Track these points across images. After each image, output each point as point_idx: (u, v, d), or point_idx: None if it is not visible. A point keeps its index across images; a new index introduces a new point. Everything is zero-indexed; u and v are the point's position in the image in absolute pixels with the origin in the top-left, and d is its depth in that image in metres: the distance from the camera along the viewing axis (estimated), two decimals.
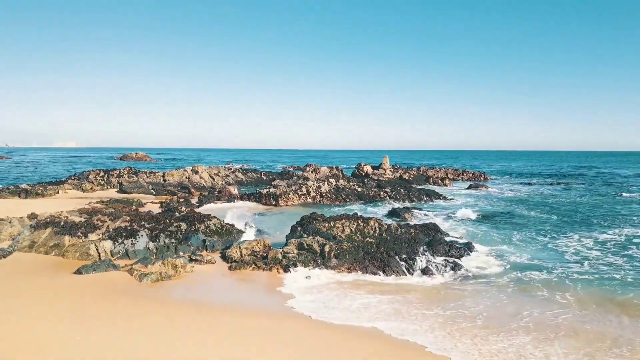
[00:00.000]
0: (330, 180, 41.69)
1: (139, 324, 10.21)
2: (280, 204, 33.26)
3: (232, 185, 40.76)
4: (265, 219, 26.80)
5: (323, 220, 19.31)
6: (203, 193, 38.75)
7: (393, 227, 18.96)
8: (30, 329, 9.53)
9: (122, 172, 45.94)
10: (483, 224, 25.49)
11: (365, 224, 18.72)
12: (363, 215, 20.39)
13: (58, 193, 34.79)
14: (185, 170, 45.87)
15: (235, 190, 37.62)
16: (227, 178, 48.41)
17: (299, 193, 35.26)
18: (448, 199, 37.70)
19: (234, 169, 56.70)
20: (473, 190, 46.11)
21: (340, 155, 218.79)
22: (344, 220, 19.06)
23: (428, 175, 55.42)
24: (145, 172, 46.63)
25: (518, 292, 13.71)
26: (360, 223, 18.80)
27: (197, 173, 45.29)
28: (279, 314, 11.50)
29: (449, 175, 58.80)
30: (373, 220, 19.05)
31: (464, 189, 47.22)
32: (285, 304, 12.23)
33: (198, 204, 32.00)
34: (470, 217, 27.68)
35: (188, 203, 31.35)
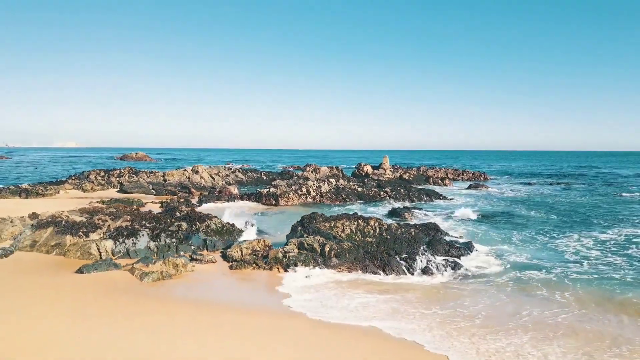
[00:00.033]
0: (331, 180, 41.74)
1: (140, 323, 10.26)
2: (281, 204, 33.32)
3: (232, 185, 40.81)
4: (266, 219, 26.86)
5: (323, 220, 19.36)
6: (203, 193, 38.82)
7: (393, 226, 19.00)
8: (32, 328, 9.57)
9: (122, 172, 45.96)
10: (483, 224, 25.53)
11: (366, 224, 18.77)
12: (363, 215, 20.43)
13: (58, 193, 34.85)
14: (186, 170, 45.92)
15: (236, 190, 37.66)
16: (227, 178, 48.46)
17: (299, 193, 35.32)
18: (448, 199, 37.74)
19: (234, 169, 56.73)
20: (473, 190, 46.15)
21: (340, 155, 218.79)
22: (344, 220, 19.11)
23: (428, 175, 55.48)
24: (146, 172, 46.66)
25: (517, 291, 13.73)
26: (361, 223, 18.85)
27: (197, 173, 45.35)
28: (279, 313, 11.55)
29: (449, 175, 58.85)
30: (373, 220, 19.09)
31: (464, 189, 47.25)
32: (285, 303, 12.27)
33: (198, 204, 32.08)
34: (470, 216, 27.71)
35: (188, 203, 31.40)
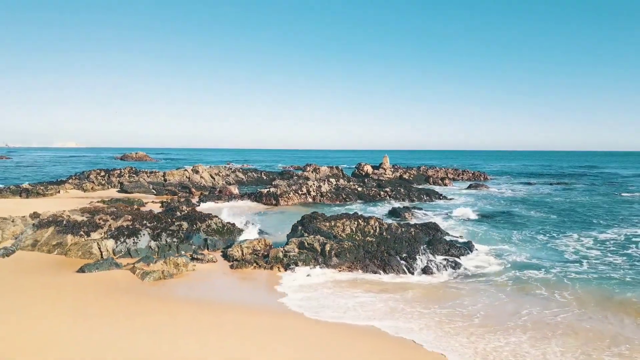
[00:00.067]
0: (331, 180, 41.78)
1: (142, 322, 10.30)
2: (281, 204, 33.36)
3: (232, 185, 40.85)
4: (266, 218, 26.89)
5: (324, 220, 19.40)
6: (204, 193, 38.86)
7: (393, 226, 19.04)
8: (34, 327, 9.62)
9: (122, 171, 46.01)
10: (483, 224, 25.56)
11: (366, 223, 18.81)
12: (363, 215, 20.46)
13: (59, 192, 34.89)
14: (186, 170, 45.95)
15: (236, 190, 37.70)
16: (227, 178, 48.49)
17: (300, 193, 35.36)
18: (448, 199, 37.78)
19: (235, 169, 56.76)
20: (473, 190, 46.18)
21: (340, 155, 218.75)
22: (345, 220, 19.14)
23: (428, 175, 55.52)
24: (146, 171, 46.70)
25: (517, 291, 13.77)
26: (361, 222, 18.89)
27: (197, 173, 45.39)
28: (280, 312, 11.60)
29: (449, 175, 58.89)
30: (373, 220, 19.13)
31: (464, 189, 47.28)
32: (286, 303, 12.32)
33: (199, 204, 32.12)
34: (470, 216, 27.76)
35: (189, 202, 31.44)
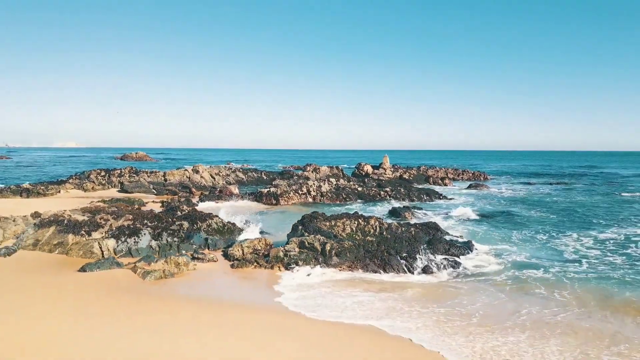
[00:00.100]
0: (331, 180, 41.82)
1: (143, 321, 10.35)
2: (281, 203, 33.41)
3: (232, 185, 40.89)
4: (267, 218, 26.93)
5: (324, 219, 19.44)
6: (204, 192, 38.89)
7: (393, 226, 19.08)
8: (35, 326, 9.66)
9: (123, 171, 46.06)
10: (483, 223, 25.61)
11: (366, 223, 18.85)
12: (363, 214, 20.50)
13: (59, 192, 34.93)
14: (186, 170, 45.99)
15: (236, 190, 37.74)
16: (227, 177, 48.54)
17: (300, 192, 35.41)
18: (448, 199, 37.83)
19: (235, 169, 56.80)
20: (473, 190, 46.22)
21: (340, 155, 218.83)
22: (345, 219, 19.18)
23: (428, 175, 55.57)
24: (146, 171, 46.74)
25: (516, 290, 13.80)
26: (361, 222, 18.93)
27: (198, 172, 45.43)
28: (280, 312, 11.64)
29: (449, 175, 58.94)
30: (374, 219, 19.18)
31: (464, 189, 47.32)
32: (286, 302, 12.36)
33: (199, 203, 32.15)
34: (470, 216, 27.81)
35: (189, 202, 31.46)
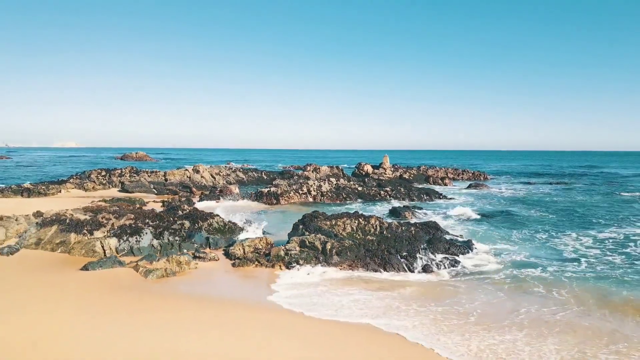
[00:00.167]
0: (331, 180, 41.90)
1: (145, 319, 10.43)
2: (282, 203, 33.51)
3: (233, 185, 41.00)
4: (267, 217, 27.01)
5: (324, 218, 19.52)
6: (204, 192, 38.98)
7: (394, 225, 19.16)
8: (38, 324, 9.74)
9: (123, 171, 46.16)
10: (483, 223, 25.68)
11: (366, 222, 18.93)
12: (364, 214, 20.58)
13: (60, 192, 35.03)
14: (187, 170, 46.09)
15: (237, 189, 37.85)
16: (228, 177, 48.63)
17: (300, 192, 35.49)
18: (448, 198, 37.91)
19: (235, 169, 56.90)
20: (473, 190, 46.32)
21: (340, 155, 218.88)
22: (345, 219, 19.25)
23: (428, 175, 55.65)
24: (147, 171, 46.85)
25: (515, 289, 13.87)
26: (361, 221, 19.01)
27: (198, 172, 45.52)
28: (280, 310, 11.72)
29: (449, 175, 59.03)
30: (374, 219, 19.25)
31: (464, 188, 47.42)
32: (287, 301, 12.43)
33: (199, 203, 32.24)
34: (470, 215, 27.89)
35: (190, 202, 31.58)
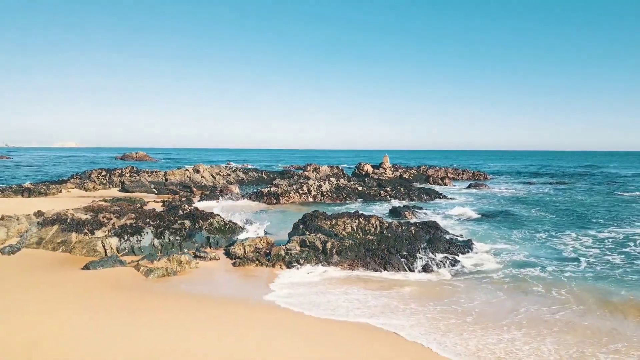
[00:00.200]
0: (331, 179, 41.94)
1: (146, 318, 10.48)
2: (282, 203, 33.55)
3: (233, 184, 41.05)
4: (267, 217, 27.04)
5: (325, 218, 19.55)
6: (205, 192, 39.02)
7: (394, 224, 19.20)
8: (40, 323, 9.79)
9: (124, 171, 46.21)
10: (483, 222, 25.73)
11: (367, 222, 18.97)
12: (364, 213, 20.62)
13: (61, 192, 35.06)
14: (187, 170, 46.13)
15: (237, 189, 37.90)
16: (228, 177, 48.67)
17: (300, 192, 35.54)
18: (448, 198, 37.94)
19: (235, 168, 56.93)
20: (473, 190, 46.36)
21: (340, 155, 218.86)
22: (346, 218, 19.29)
23: (428, 175, 55.70)
24: (147, 171, 46.89)
25: (514, 288, 13.90)
26: (362, 221, 19.05)
27: (198, 172, 45.56)
28: (280, 309, 11.76)
29: (449, 175, 59.07)
30: (374, 218, 19.30)
31: (464, 188, 47.45)
32: (287, 300, 12.48)
33: (200, 202, 32.27)
34: (470, 215, 27.94)
35: (190, 202, 31.63)
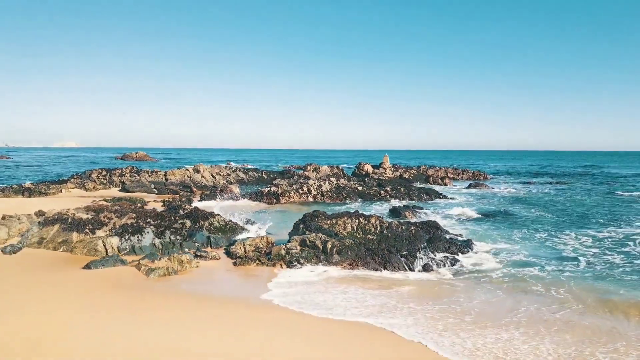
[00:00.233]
0: (331, 179, 41.99)
1: (147, 317, 10.52)
2: (282, 202, 33.61)
3: (233, 184, 41.09)
4: (268, 217, 27.06)
5: (325, 218, 19.59)
6: (205, 192, 39.06)
7: (394, 224, 19.23)
8: (41, 322, 9.82)
9: (124, 171, 46.24)
10: (482, 222, 25.77)
11: (367, 222, 19.01)
12: (364, 213, 20.66)
13: (61, 192, 35.12)
14: (187, 170, 46.17)
15: (237, 189, 37.94)
16: (228, 177, 48.72)
17: (300, 192, 35.59)
18: (448, 198, 37.99)
19: (235, 168, 56.97)
20: (473, 189, 46.40)
21: (341, 155, 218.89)
22: (346, 218, 19.33)
23: (428, 175, 55.75)
24: (147, 171, 46.92)
25: (514, 288, 13.91)
26: (362, 220, 19.09)
27: (198, 172, 45.61)
28: (280, 308, 11.79)
29: (449, 175, 59.12)
30: (374, 218, 19.33)
31: (464, 188, 47.50)
32: (287, 299, 12.50)
33: (200, 202, 32.31)
34: (470, 215, 27.98)
35: (190, 201, 31.69)
